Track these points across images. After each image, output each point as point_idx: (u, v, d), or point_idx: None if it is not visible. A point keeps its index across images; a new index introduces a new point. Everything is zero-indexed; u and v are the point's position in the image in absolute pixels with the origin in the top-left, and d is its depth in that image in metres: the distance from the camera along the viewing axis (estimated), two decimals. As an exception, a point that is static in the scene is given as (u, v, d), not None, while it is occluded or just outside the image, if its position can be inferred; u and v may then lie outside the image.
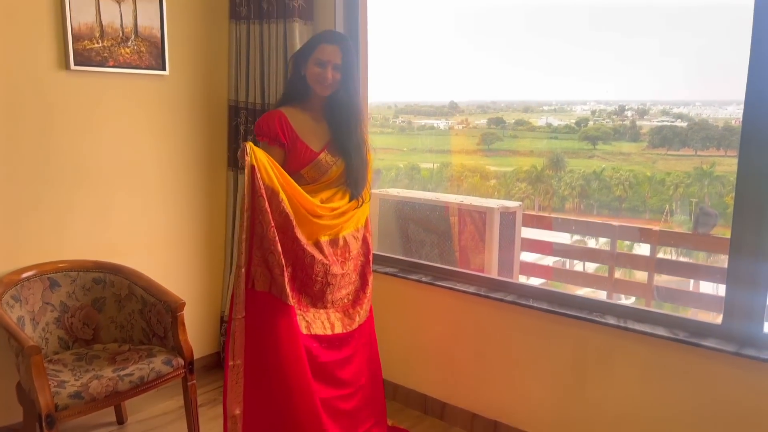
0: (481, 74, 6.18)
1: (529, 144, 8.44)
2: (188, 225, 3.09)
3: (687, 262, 4.05)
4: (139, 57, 2.74)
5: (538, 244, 4.47)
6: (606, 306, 2.31)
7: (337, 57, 2.14)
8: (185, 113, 2.98)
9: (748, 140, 1.94)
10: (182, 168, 3.02)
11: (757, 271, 1.95)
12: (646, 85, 6.07)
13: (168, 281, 2.67)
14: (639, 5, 4.58)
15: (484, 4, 4.94)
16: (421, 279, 2.75)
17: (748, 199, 1.94)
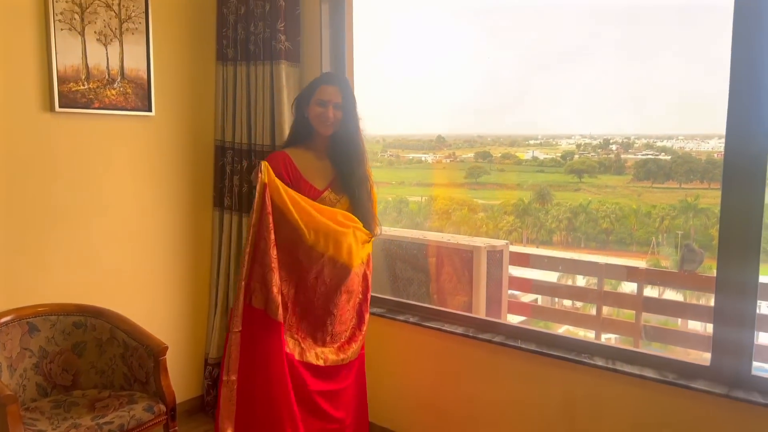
0: (468, 109, 6.26)
1: (515, 177, 8.51)
2: (173, 266, 3.05)
3: (674, 301, 4.06)
4: (125, 98, 2.74)
5: (526, 282, 4.46)
6: (594, 347, 2.30)
7: (338, 97, 2.25)
8: (171, 154, 2.98)
9: (730, 176, 1.95)
10: (168, 208, 2.99)
11: (743, 310, 1.95)
12: (630, 119, 6.17)
13: (151, 324, 2.62)
14: (619, 42, 4.68)
15: (469, 42, 5.02)
16: (408, 320, 2.72)
17: (733, 236, 1.95)
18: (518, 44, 5.25)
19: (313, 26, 2.88)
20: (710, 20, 3.77)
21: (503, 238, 8.58)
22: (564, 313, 4.39)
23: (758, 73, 1.88)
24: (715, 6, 3.49)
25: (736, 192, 1.94)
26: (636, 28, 4.56)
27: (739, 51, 1.91)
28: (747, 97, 1.90)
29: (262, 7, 2.83)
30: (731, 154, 1.95)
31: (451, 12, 4.58)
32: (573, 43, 5.22)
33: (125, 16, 2.71)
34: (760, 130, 1.89)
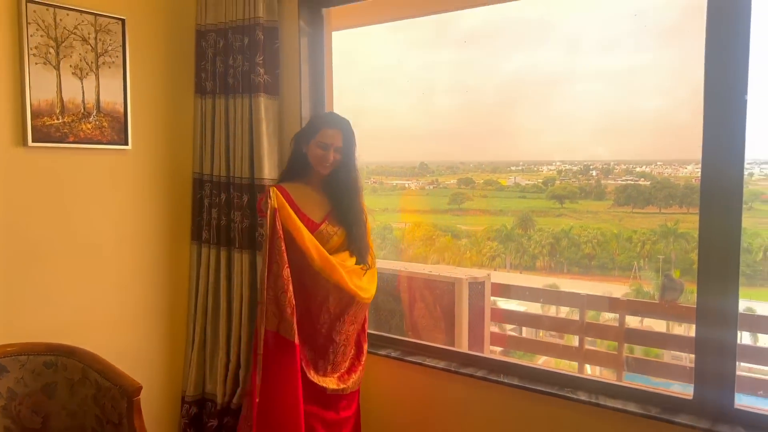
0: (450, 136, 6.31)
1: (498, 203, 8.56)
2: (149, 301, 2.99)
3: (655, 332, 4.05)
4: (101, 132, 2.70)
5: (508, 314, 4.45)
6: (577, 381, 2.27)
7: (339, 140, 2.33)
8: (148, 187, 2.94)
9: (707, 204, 1.96)
10: (144, 242, 2.94)
11: (724, 340, 1.94)
12: (608, 145, 6.25)
13: (125, 361, 2.55)
14: (596, 70, 4.76)
15: (449, 71, 5.07)
16: (390, 354, 2.68)
17: (712, 264, 1.95)
18: (498, 73, 5.32)
19: (292, 59, 2.88)
20: (685, 47, 3.86)
21: (486, 264, 8.60)
22: (547, 345, 4.37)
23: (732, 99, 1.90)
24: (689, 31, 3.58)
25: (714, 219, 1.94)
26: (612, 57, 4.64)
27: (713, 78, 1.93)
28: (721, 123, 1.92)
29: (241, 40, 2.83)
30: (708, 181, 1.96)
31: (431, 42, 4.63)
32: (552, 71, 5.30)
33: (102, 50, 2.69)
34: (735, 156, 1.90)
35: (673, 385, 3.53)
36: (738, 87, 1.88)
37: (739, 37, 1.87)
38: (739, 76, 1.88)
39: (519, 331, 4.79)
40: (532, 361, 4.27)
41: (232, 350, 2.93)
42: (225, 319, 2.95)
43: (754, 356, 3.29)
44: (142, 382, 2.38)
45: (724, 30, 1.89)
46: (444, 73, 5.39)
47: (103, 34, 2.69)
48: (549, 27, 4.66)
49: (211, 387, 3.02)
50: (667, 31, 3.77)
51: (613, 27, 4.17)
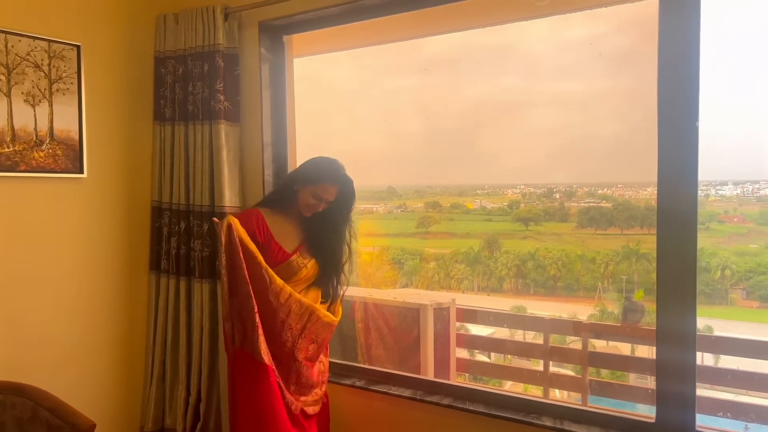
0: (416, 161, 6.34)
1: (465, 226, 8.62)
2: (105, 334, 2.90)
3: (618, 355, 4.08)
4: (55, 160, 2.63)
5: (472, 339, 4.43)
6: (542, 406, 2.26)
7: (333, 195, 2.33)
8: (104, 216, 2.86)
9: (664, 225, 1.98)
10: (100, 273, 2.86)
11: (684, 361, 1.95)
12: (568, 168, 6.37)
13: (80, 397, 2.46)
14: (554, 95, 4.85)
15: (414, 97, 5.12)
16: (354, 383, 2.63)
17: (670, 287, 1.96)
18: (460, 98, 5.39)
19: (253, 86, 2.86)
20: (639, 73, 3.97)
21: (455, 287, 8.62)
22: (512, 370, 4.36)
23: (684, 125, 1.93)
24: (643, 58, 3.69)
25: (671, 241, 1.96)
26: (569, 83, 4.75)
27: (665, 104, 1.97)
28: (674, 147, 1.95)
29: (201, 67, 2.81)
30: (664, 204, 1.99)
31: (394, 69, 4.67)
32: (512, 97, 5.40)
33: (56, 77, 2.63)
34: (689, 179, 1.93)
35: (639, 407, 3.55)
36: (689, 113, 1.92)
37: (690, 64, 1.92)
38: (690, 103, 1.92)
39: (489, 356, 4.78)
40: (501, 386, 4.26)
41: (193, 383, 2.84)
42: (185, 351, 2.87)
43: (714, 377, 3.34)
44: (98, 418, 2.30)
45: (675, 57, 1.94)
46: (408, 98, 5.43)
47: (57, 60, 2.63)
48: (508, 53, 4.75)
49: (171, 421, 2.92)
50: (621, 57, 3.87)
51: (570, 54, 4.26)
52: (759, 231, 6.62)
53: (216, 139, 2.77)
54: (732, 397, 3.30)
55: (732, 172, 6.13)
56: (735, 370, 3.28)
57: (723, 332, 5.15)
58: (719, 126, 4.63)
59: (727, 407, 3.14)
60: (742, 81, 4.60)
